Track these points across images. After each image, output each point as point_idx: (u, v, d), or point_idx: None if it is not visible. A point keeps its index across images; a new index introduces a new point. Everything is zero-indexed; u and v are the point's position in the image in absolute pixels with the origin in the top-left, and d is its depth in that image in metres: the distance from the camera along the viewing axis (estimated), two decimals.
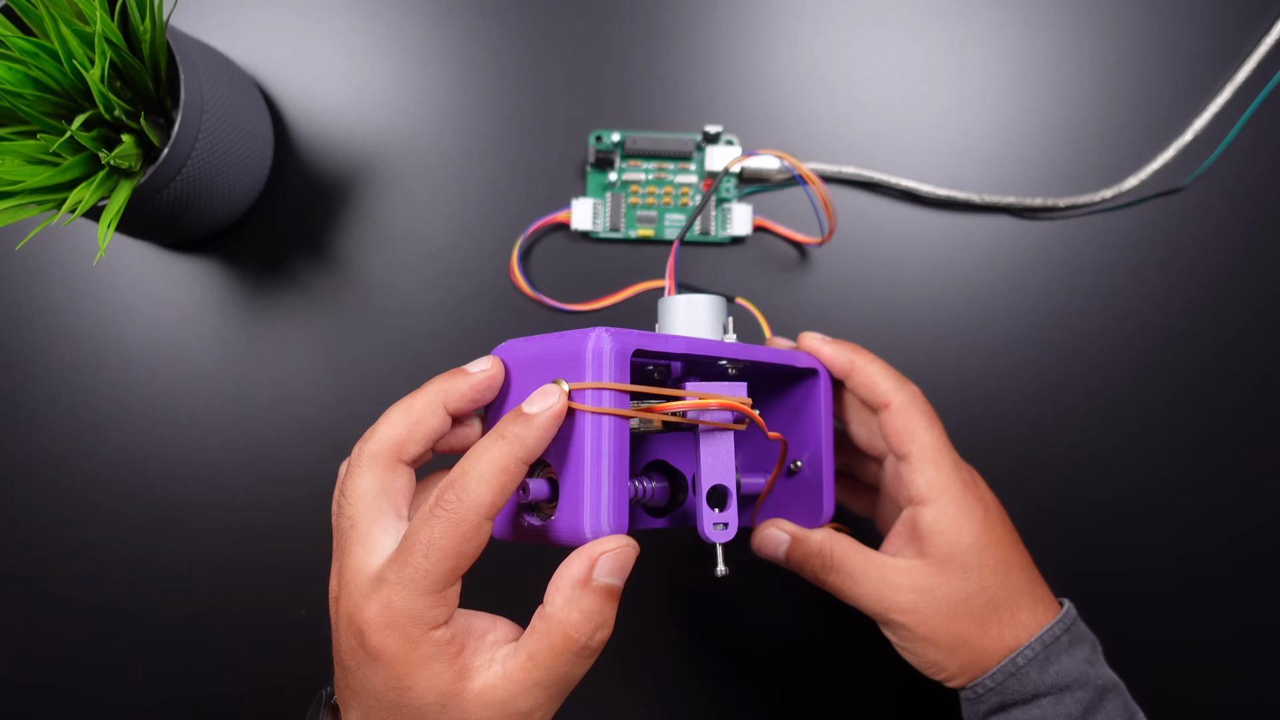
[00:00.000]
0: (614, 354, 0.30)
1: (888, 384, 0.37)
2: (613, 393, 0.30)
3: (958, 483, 0.36)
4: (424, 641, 0.27)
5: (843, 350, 0.39)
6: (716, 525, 0.33)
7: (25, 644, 0.50)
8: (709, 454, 0.33)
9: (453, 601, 0.28)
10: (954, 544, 0.35)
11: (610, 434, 0.29)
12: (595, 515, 0.29)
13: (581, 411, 0.29)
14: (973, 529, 0.35)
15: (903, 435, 0.37)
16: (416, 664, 0.27)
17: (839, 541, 0.37)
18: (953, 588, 0.35)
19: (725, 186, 0.50)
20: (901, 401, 0.37)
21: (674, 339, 0.32)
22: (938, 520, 0.35)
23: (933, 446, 0.36)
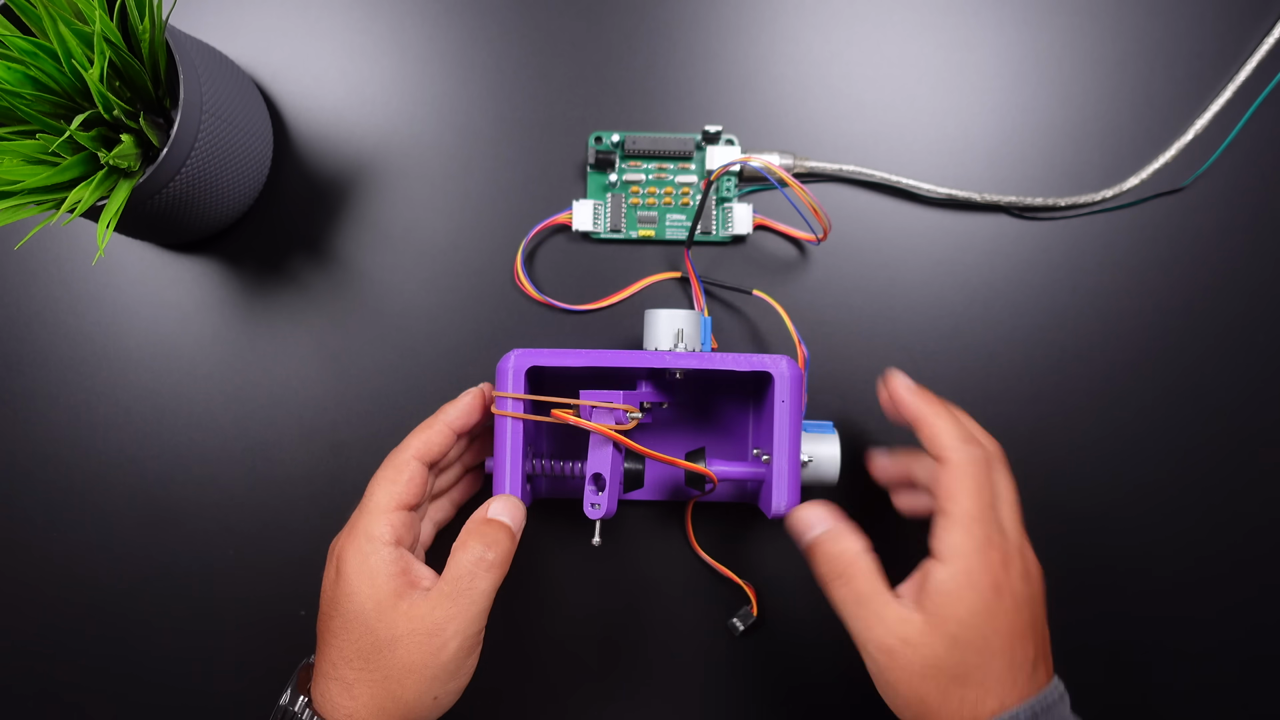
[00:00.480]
0: (514, 370, 0.42)
1: (950, 439, 0.37)
2: (518, 394, 0.42)
3: (979, 556, 0.35)
4: (374, 553, 0.38)
5: (915, 399, 0.40)
6: (594, 505, 0.40)
7: (24, 644, 0.50)
8: (595, 448, 0.41)
9: (399, 526, 0.39)
10: (950, 612, 0.35)
11: (509, 428, 0.42)
12: (501, 484, 0.42)
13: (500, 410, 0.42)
14: (973, 605, 0.35)
15: (946, 493, 0.37)
16: (366, 576, 0.37)
17: (864, 560, 0.37)
18: (932, 651, 0.35)
19: (726, 186, 0.50)
20: (959, 460, 0.37)
21: (571, 354, 0.42)
22: (945, 584, 0.35)
23: (969, 513, 0.36)
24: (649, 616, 0.51)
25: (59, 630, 0.50)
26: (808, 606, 0.50)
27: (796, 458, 0.42)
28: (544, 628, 0.50)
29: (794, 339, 0.48)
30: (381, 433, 0.50)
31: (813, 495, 0.50)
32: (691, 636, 0.51)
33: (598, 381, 0.45)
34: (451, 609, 0.37)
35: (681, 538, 0.51)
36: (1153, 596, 0.50)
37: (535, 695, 0.50)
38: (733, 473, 0.44)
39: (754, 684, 0.50)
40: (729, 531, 0.51)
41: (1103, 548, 0.50)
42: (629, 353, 0.43)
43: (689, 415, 0.50)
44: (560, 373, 0.44)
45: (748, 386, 0.49)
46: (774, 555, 0.50)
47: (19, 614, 0.50)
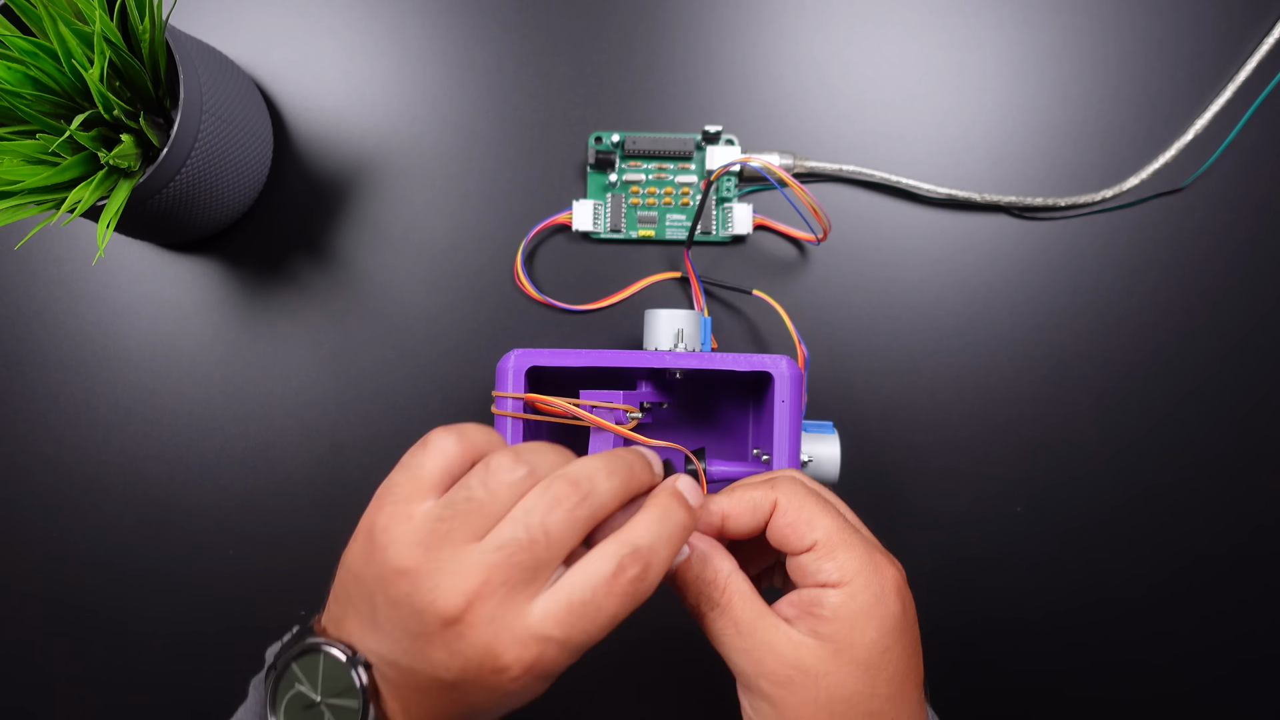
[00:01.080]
0: (514, 370, 0.41)
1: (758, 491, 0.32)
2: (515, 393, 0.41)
3: (873, 568, 0.31)
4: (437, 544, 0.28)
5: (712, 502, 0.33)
6: None
7: (23, 644, 0.50)
8: (595, 448, 0.40)
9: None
10: (859, 635, 0.30)
11: (509, 428, 0.41)
12: None
13: (501, 405, 0.41)
14: (882, 622, 0.30)
15: (798, 529, 0.31)
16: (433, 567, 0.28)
17: (736, 580, 0.32)
18: (840, 683, 0.30)
19: (726, 186, 0.50)
20: (784, 497, 0.32)
21: (571, 354, 0.42)
22: (848, 604, 0.30)
23: (837, 529, 0.31)
24: (649, 616, 0.51)
25: (59, 630, 0.50)
26: None
27: (796, 458, 0.42)
28: None
29: (794, 339, 0.48)
30: (382, 433, 0.50)
31: None
32: (691, 636, 0.50)
33: (598, 381, 0.45)
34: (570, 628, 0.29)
35: None
36: (1154, 595, 0.50)
37: None
38: (733, 473, 0.44)
39: None
40: None
41: (1103, 547, 0.50)
42: (629, 353, 0.43)
43: (689, 415, 0.50)
44: (560, 373, 0.44)
45: (748, 386, 0.49)
46: None
47: (19, 613, 0.50)
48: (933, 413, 0.50)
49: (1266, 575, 0.50)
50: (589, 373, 0.44)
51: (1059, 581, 0.50)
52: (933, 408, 0.50)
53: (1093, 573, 0.50)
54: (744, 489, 0.33)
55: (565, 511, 0.28)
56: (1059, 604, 0.50)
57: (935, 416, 0.50)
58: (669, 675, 0.51)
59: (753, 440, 0.49)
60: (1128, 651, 0.50)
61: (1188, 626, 0.50)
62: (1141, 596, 0.50)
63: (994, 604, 0.50)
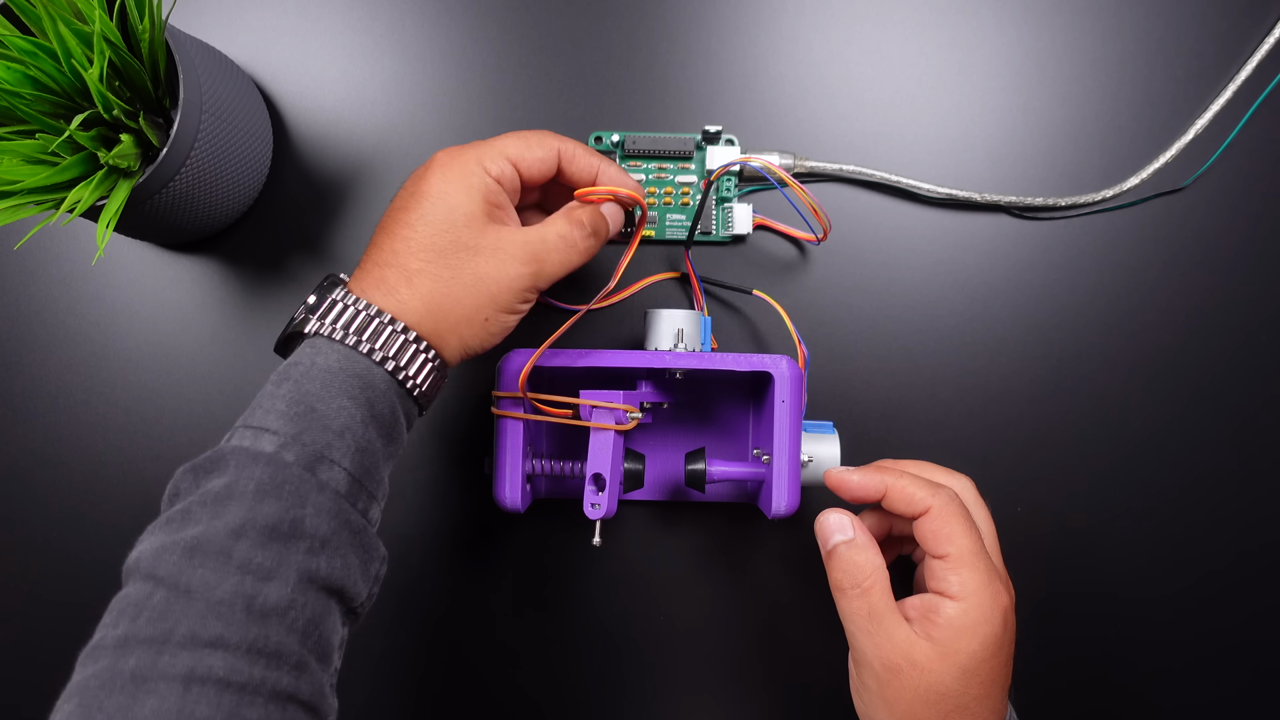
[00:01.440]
0: (514, 370, 0.42)
1: (922, 492, 0.38)
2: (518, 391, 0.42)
3: (989, 591, 0.36)
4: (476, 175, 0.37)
5: (870, 475, 0.40)
6: (594, 505, 0.40)
7: (23, 644, 0.50)
8: (595, 448, 0.40)
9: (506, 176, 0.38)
10: (964, 645, 0.36)
11: (509, 428, 0.43)
12: (501, 484, 0.43)
13: (502, 407, 0.43)
14: (984, 639, 0.36)
15: (940, 538, 0.37)
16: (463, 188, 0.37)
17: (882, 575, 0.38)
18: (940, 680, 0.36)
19: (726, 186, 0.50)
20: (939, 506, 0.37)
21: (571, 354, 0.43)
22: (960, 618, 0.36)
23: (970, 550, 0.37)
24: (649, 616, 0.51)
25: (58, 630, 0.50)
26: (809, 606, 0.50)
27: (796, 458, 0.42)
28: (543, 627, 0.50)
29: (794, 339, 0.48)
30: None
31: (813, 495, 0.50)
32: (691, 636, 0.51)
33: (598, 381, 0.45)
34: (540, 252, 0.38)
35: (682, 537, 0.51)
36: (1154, 595, 0.50)
37: (535, 694, 0.50)
38: (733, 473, 0.44)
39: (754, 684, 0.50)
40: (729, 531, 0.51)
41: (1103, 547, 0.50)
42: (629, 353, 0.43)
43: (689, 415, 0.50)
44: (560, 373, 0.44)
45: (748, 386, 0.49)
46: (774, 555, 0.50)
47: (18, 613, 0.50)
48: (933, 413, 0.50)
49: (1267, 575, 0.50)
50: (589, 373, 0.44)
51: (1059, 582, 0.50)
52: (933, 408, 0.50)
53: (1092, 573, 0.50)
54: (913, 482, 0.38)
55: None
56: (1059, 604, 0.50)
57: (935, 416, 0.50)
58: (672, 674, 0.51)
59: (753, 440, 0.49)
60: (1128, 652, 0.50)
61: (1189, 627, 0.50)
62: (1142, 597, 0.50)
63: None
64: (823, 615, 0.50)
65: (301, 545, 0.31)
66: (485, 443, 0.50)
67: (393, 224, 0.38)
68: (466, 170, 0.37)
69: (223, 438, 0.34)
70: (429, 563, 0.50)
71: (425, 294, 0.36)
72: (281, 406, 0.33)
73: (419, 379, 0.37)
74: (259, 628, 0.29)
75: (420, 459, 0.50)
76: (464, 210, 0.37)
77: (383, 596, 0.50)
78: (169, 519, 0.32)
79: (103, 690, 0.28)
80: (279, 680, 0.29)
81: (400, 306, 0.36)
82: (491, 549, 0.50)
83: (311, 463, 0.33)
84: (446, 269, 0.36)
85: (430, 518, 0.50)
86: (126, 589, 0.31)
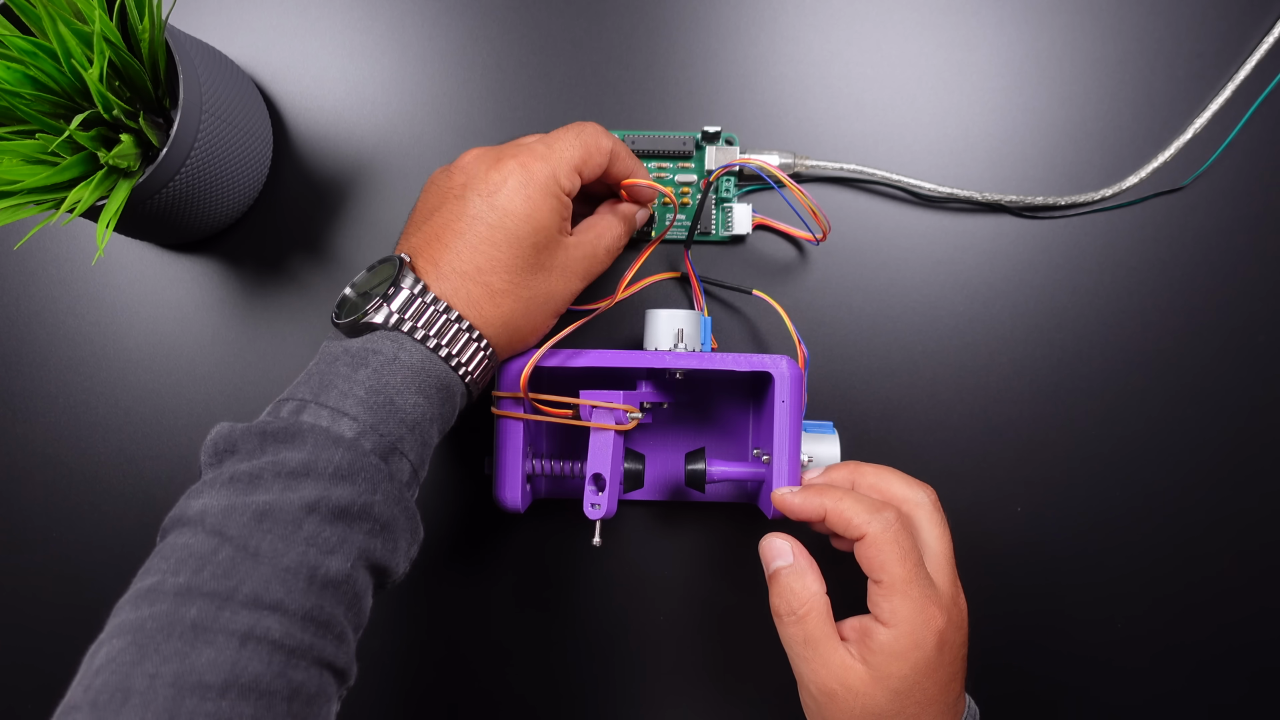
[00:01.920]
0: (514, 370, 0.42)
1: (860, 517, 0.38)
2: (516, 393, 0.42)
3: (920, 617, 0.36)
4: (555, 195, 0.39)
5: (811, 498, 0.39)
6: (594, 505, 0.40)
7: (22, 644, 0.50)
8: (595, 448, 0.41)
9: (573, 186, 0.40)
10: (895, 670, 0.36)
11: (509, 428, 0.43)
12: (501, 484, 0.43)
13: (502, 407, 0.43)
14: (916, 663, 0.36)
15: (874, 564, 0.37)
16: (547, 208, 0.39)
17: (819, 601, 0.38)
18: (874, 702, 0.37)
19: (726, 186, 0.50)
20: (874, 534, 0.37)
21: (571, 354, 0.43)
22: (890, 645, 0.36)
23: (902, 578, 0.37)
24: (649, 617, 0.51)
25: (58, 630, 0.50)
26: None
27: (796, 458, 0.42)
28: (543, 627, 0.50)
29: (794, 339, 0.48)
30: None
31: None
32: (691, 636, 0.51)
33: (598, 381, 0.45)
34: (589, 264, 0.41)
35: (682, 537, 0.51)
36: (1154, 595, 0.50)
37: (535, 695, 0.50)
38: (733, 473, 0.44)
39: (753, 684, 0.50)
40: (729, 531, 0.50)
41: (1102, 547, 0.50)
42: (629, 353, 0.43)
43: (689, 415, 0.50)
44: (560, 373, 0.44)
45: (748, 386, 0.49)
46: None
47: (17, 614, 0.50)
48: (933, 413, 0.50)
49: (1268, 576, 0.50)
50: (589, 373, 0.44)
51: (1059, 582, 0.50)
52: (933, 408, 0.50)
53: (1093, 573, 0.50)
54: (853, 505, 0.38)
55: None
56: (1059, 605, 0.50)
57: (935, 416, 0.50)
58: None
59: (753, 440, 0.49)
60: (1129, 653, 0.50)
61: (1190, 627, 0.50)
62: (1142, 597, 0.50)
63: (993, 604, 0.50)
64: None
65: (364, 526, 0.33)
66: (485, 443, 0.50)
67: (471, 234, 0.38)
68: (548, 189, 0.39)
69: (276, 402, 0.35)
70: (429, 562, 0.50)
71: (505, 314, 0.38)
72: (361, 393, 0.35)
73: (479, 379, 0.39)
74: (317, 598, 0.31)
75: None
76: (547, 233, 0.39)
77: (382, 596, 0.50)
78: (234, 478, 0.33)
79: (160, 633, 0.29)
80: (324, 648, 0.31)
81: (483, 321, 0.38)
82: (491, 549, 0.50)
83: (386, 453, 0.34)
84: (527, 289, 0.39)
85: (430, 518, 0.50)
86: (186, 538, 0.32)
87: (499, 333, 0.38)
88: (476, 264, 0.38)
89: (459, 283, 0.37)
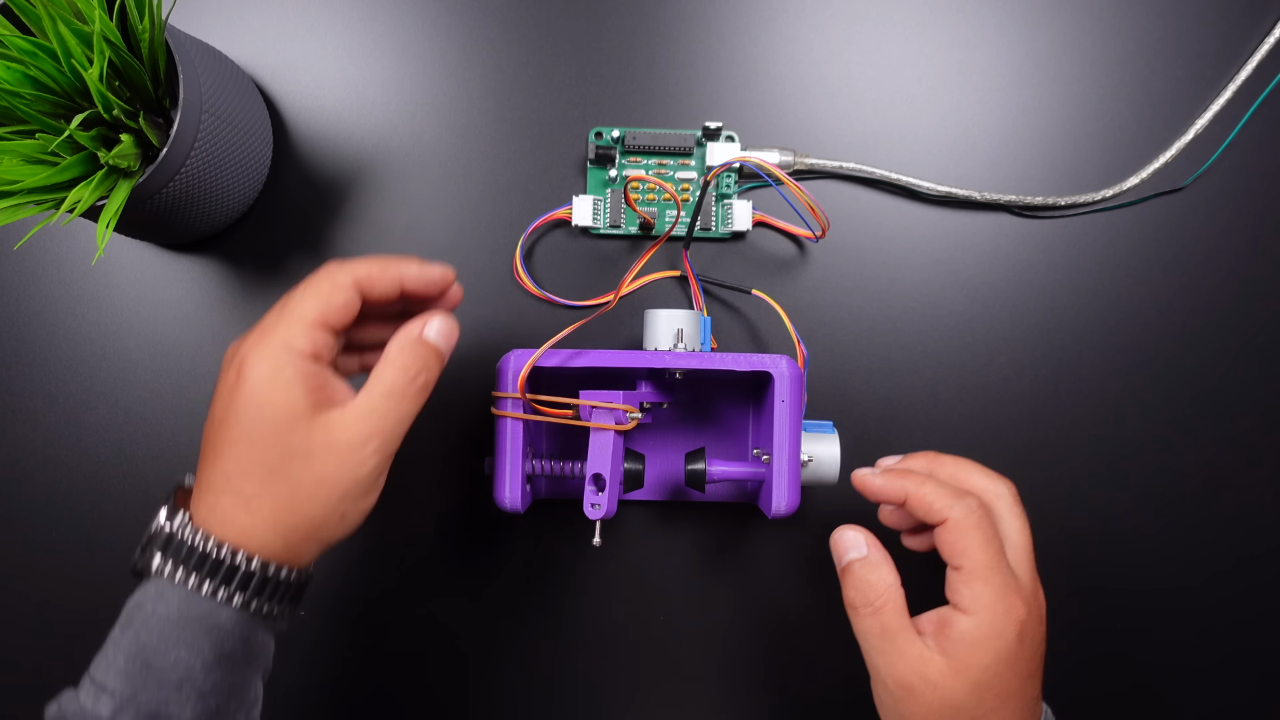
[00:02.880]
0: (513, 370, 0.42)
1: (942, 502, 0.37)
2: (516, 390, 0.41)
3: (1002, 605, 0.36)
4: (289, 365, 0.34)
5: (892, 480, 0.39)
6: (594, 505, 0.40)
7: (22, 645, 0.50)
8: (595, 448, 0.40)
9: (320, 344, 0.35)
10: (974, 659, 0.36)
11: (509, 428, 0.43)
12: (501, 484, 0.43)
13: (502, 406, 0.43)
14: (998, 653, 0.36)
15: (955, 550, 0.37)
16: (280, 385, 0.34)
17: (896, 593, 0.37)
18: (953, 694, 0.36)
19: (726, 183, 0.50)
20: (957, 518, 0.37)
21: (571, 354, 0.42)
22: (971, 633, 0.36)
23: (984, 564, 0.36)
24: (648, 617, 0.51)
25: (58, 630, 0.50)
26: (809, 607, 0.50)
27: (796, 458, 0.42)
28: (543, 627, 0.50)
29: (793, 339, 0.48)
30: None
31: (813, 495, 0.50)
32: (690, 636, 0.51)
33: (598, 382, 0.45)
34: (377, 424, 0.35)
35: (682, 537, 0.51)
36: (1153, 595, 0.50)
37: (534, 695, 0.50)
38: (733, 473, 0.44)
39: (754, 684, 0.50)
40: (729, 531, 0.51)
41: (1102, 547, 0.50)
42: (629, 353, 0.43)
43: (689, 415, 0.50)
44: (560, 373, 0.44)
45: (747, 386, 0.49)
46: (774, 555, 0.50)
47: (17, 614, 0.50)
48: (933, 413, 0.50)
49: (1264, 574, 0.50)
50: (589, 373, 0.44)
51: (1059, 582, 0.50)
52: (933, 408, 0.50)
53: (1093, 573, 0.50)
54: (935, 490, 0.38)
55: None
56: (1059, 605, 0.50)
57: (935, 416, 0.50)
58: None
59: (752, 440, 0.49)
60: (1129, 653, 0.50)
61: (1191, 627, 0.50)
62: (1141, 597, 0.50)
63: None
64: (823, 616, 0.50)
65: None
66: (485, 443, 0.50)
67: (217, 439, 0.35)
68: (276, 362, 0.34)
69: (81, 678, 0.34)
70: (428, 562, 0.50)
71: (267, 518, 0.34)
72: (121, 662, 0.33)
73: (273, 602, 0.35)
74: None
75: (420, 459, 0.50)
76: (285, 412, 0.34)
77: (382, 596, 0.50)
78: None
79: None
80: None
81: (242, 536, 0.34)
82: (491, 549, 0.50)
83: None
84: (284, 484, 0.34)
85: (430, 518, 0.50)
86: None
87: (269, 539, 0.34)
88: (225, 471, 0.34)
89: (212, 499, 0.34)
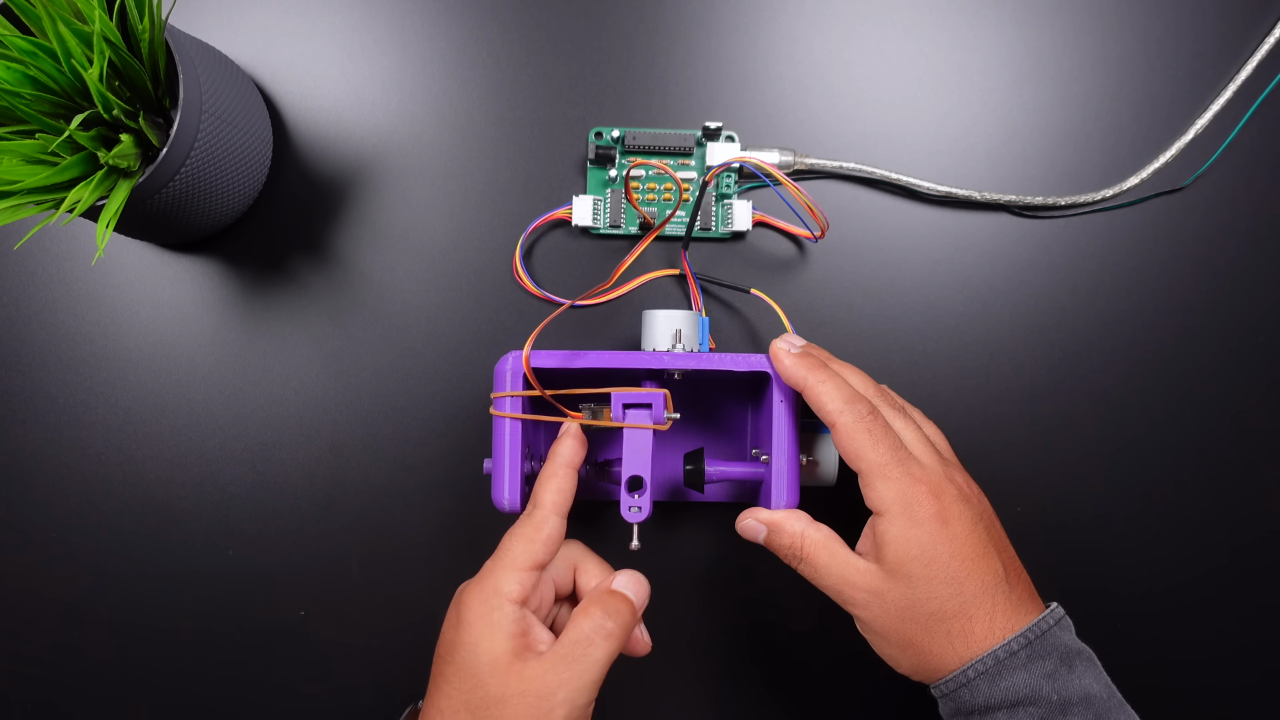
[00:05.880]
0: (512, 371, 0.42)
1: (834, 404, 0.38)
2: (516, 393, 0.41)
3: (909, 495, 0.37)
4: (498, 609, 0.36)
5: (797, 366, 0.40)
6: (632, 509, 0.40)
7: (22, 645, 0.50)
8: (632, 449, 0.40)
9: (527, 586, 0.37)
10: (902, 555, 0.36)
11: (508, 429, 0.42)
12: (500, 485, 0.42)
13: (499, 406, 0.42)
14: (921, 541, 0.36)
15: (849, 454, 0.38)
16: (488, 628, 0.36)
17: (811, 535, 0.39)
18: (899, 594, 0.37)
19: (726, 182, 0.50)
20: (845, 423, 0.38)
21: (570, 355, 0.42)
22: (888, 531, 0.37)
23: (878, 463, 0.37)
24: (647, 617, 0.50)
25: (57, 631, 0.50)
26: (808, 607, 0.50)
27: (795, 458, 0.42)
28: None
29: None
30: (381, 433, 0.50)
31: (812, 495, 0.50)
32: (690, 637, 0.51)
33: (598, 382, 0.45)
34: (564, 674, 0.36)
35: (681, 537, 0.51)
36: (1153, 595, 0.50)
37: None
38: (731, 473, 0.44)
39: (755, 684, 0.50)
40: (728, 532, 0.50)
41: (1102, 547, 0.50)
42: (628, 354, 0.43)
43: (688, 415, 0.50)
44: (560, 374, 0.44)
45: (746, 387, 0.49)
46: (773, 556, 0.50)
47: (16, 614, 0.50)
48: (933, 413, 0.50)
49: (1263, 574, 0.50)
50: (589, 374, 0.44)
51: (1059, 582, 0.50)
52: (933, 408, 0.50)
53: (1093, 573, 0.50)
54: (833, 391, 0.38)
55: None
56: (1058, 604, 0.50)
57: (935, 416, 0.50)
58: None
59: (752, 440, 0.49)
60: (1130, 654, 0.50)
61: (1191, 625, 0.50)
62: (1143, 597, 0.50)
63: None
64: (822, 616, 0.50)
65: None
66: (485, 443, 0.50)
67: (438, 675, 0.37)
68: (488, 606, 0.37)
69: None
70: (429, 563, 0.50)
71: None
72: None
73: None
74: None
75: (420, 459, 0.50)
76: (488, 658, 0.36)
77: (382, 597, 0.50)
78: None
79: None
80: None
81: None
82: (491, 549, 0.50)
83: None
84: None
85: (430, 518, 0.50)
86: None
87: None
88: (439, 706, 0.36)
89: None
